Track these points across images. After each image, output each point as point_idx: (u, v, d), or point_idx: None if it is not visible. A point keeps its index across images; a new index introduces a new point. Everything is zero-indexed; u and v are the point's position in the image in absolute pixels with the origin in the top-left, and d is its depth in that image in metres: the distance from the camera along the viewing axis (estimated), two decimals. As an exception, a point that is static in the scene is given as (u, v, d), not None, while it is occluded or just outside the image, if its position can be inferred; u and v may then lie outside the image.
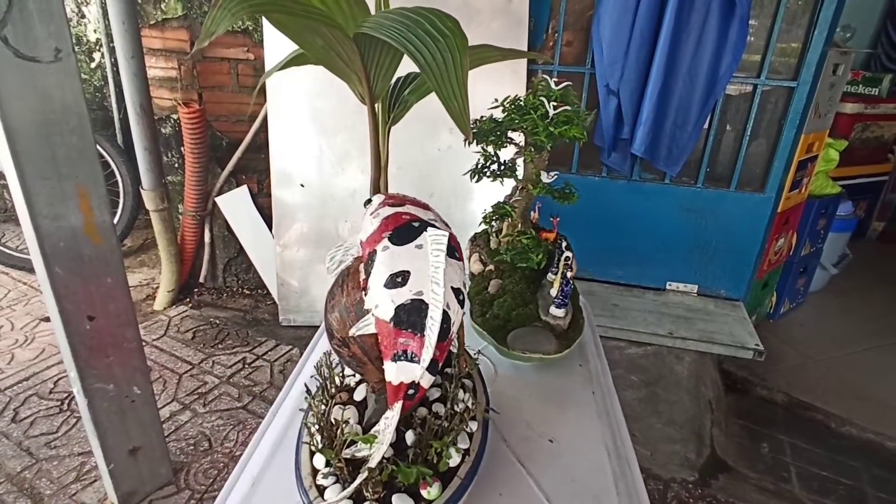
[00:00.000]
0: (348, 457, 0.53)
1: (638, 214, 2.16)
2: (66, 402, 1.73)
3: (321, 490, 0.54)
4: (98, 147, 2.57)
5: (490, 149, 0.84)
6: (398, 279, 0.51)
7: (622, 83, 1.88)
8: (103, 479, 1.35)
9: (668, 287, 2.27)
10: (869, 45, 3.62)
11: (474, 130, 0.83)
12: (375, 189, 0.75)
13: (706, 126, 2.00)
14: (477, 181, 0.87)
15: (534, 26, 2.00)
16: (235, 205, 2.30)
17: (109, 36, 2.48)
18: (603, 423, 0.75)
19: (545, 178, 0.84)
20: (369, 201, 0.62)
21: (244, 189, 2.29)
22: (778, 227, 2.21)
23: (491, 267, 0.92)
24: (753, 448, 1.83)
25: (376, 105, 0.74)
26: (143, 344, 2.06)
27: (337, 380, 0.65)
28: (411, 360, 0.48)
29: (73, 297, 1.12)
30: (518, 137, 0.85)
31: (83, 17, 2.81)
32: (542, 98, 0.79)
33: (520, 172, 0.87)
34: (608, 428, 0.74)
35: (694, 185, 2.09)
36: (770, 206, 2.06)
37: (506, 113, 0.81)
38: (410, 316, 0.49)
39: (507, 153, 0.86)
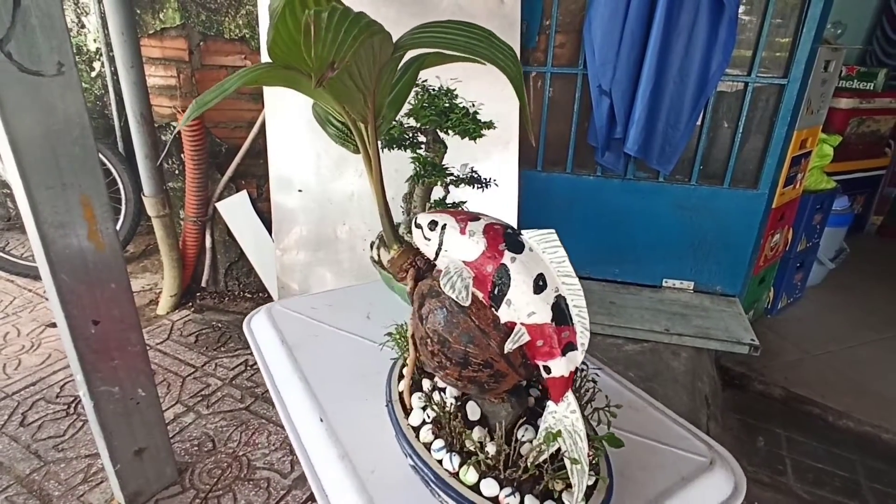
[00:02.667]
0: (534, 464, 0.57)
1: (633, 213, 2.19)
2: (73, 405, 1.77)
3: None
4: (100, 155, 2.61)
5: (420, 152, 0.86)
6: (540, 283, 0.55)
7: (614, 83, 1.90)
8: (110, 480, 1.38)
9: (664, 284, 2.29)
10: (864, 41, 3.63)
11: (387, 138, 0.84)
12: (385, 209, 0.73)
13: (699, 124, 2.02)
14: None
15: (526, 28, 2.03)
16: (235, 210, 2.33)
17: (109, 45, 2.52)
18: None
19: (458, 169, 0.88)
20: (419, 225, 0.62)
21: (244, 194, 2.33)
22: (773, 222, 2.23)
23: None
24: (750, 442, 1.85)
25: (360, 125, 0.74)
26: (147, 348, 2.10)
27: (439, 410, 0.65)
28: (574, 350, 0.55)
29: (78, 302, 1.15)
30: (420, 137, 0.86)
31: (83, 27, 2.85)
32: (455, 102, 0.82)
33: (455, 170, 0.88)
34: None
35: (688, 182, 2.11)
36: (764, 203, 2.08)
37: (426, 117, 0.83)
38: (562, 311, 0.55)
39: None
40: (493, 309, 0.57)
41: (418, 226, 0.62)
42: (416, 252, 0.71)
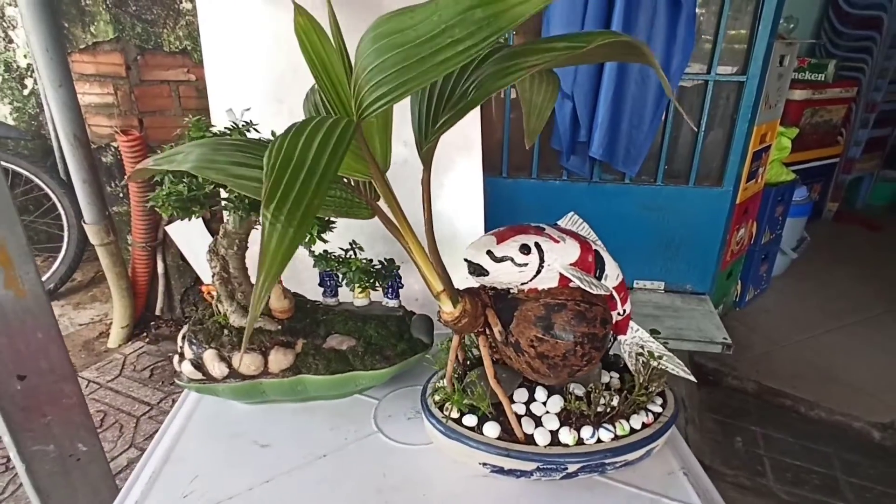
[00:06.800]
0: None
1: (601, 216, 2.15)
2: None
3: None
4: (37, 180, 2.44)
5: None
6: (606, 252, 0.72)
7: (576, 86, 1.86)
8: (52, 545, 1.25)
9: (635, 286, 2.27)
10: (812, 34, 3.72)
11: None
12: (442, 268, 0.63)
13: (661, 124, 2.00)
14: None
15: (484, 32, 1.96)
16: (188, 232, 2.19)
17: (40, 61, 2.34)
18: None
19: None
20: (503, 258, 0.66)
21: (196, 215, 2.19)
22: (738, 217, 2.24)
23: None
24: (727, 443, 1.84)
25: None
26: (97, 386, 1.96)
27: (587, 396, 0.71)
28: None
29: (-2, 357, 1.03)
30: None
31: (11, 41, 2.65)
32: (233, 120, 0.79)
33: None
34: None
35: (654, 183, 2.09)
36: (729, 199, 2.07)
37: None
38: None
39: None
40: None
41: (503, 259, 0.64)
42: (475, 293, 0.69)
